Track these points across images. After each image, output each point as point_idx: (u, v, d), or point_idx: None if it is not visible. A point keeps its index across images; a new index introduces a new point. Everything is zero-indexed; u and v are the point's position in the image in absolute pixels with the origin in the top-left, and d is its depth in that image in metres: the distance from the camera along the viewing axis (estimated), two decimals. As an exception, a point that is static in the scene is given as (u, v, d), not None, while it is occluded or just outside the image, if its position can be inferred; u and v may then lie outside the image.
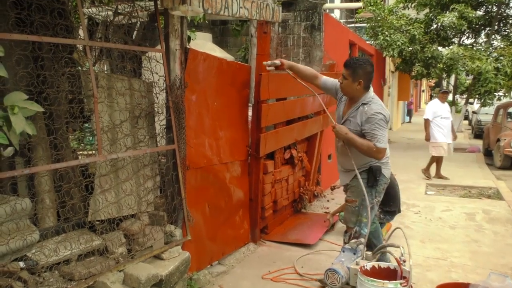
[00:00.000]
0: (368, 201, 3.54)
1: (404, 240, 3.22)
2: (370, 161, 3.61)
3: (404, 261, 3.12)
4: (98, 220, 3.04)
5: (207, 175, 4.11)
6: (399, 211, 5.35)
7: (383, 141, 3.44)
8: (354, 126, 3.55)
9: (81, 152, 3.77)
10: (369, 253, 3.45)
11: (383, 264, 3.25)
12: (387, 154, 3.65)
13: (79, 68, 3.22)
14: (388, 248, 3.35)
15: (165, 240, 3.46)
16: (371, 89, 3.59)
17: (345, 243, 3.76)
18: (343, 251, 3.54)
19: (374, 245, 3.71)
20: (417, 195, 7.60)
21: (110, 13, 3.44)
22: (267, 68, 3.97)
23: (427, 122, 8.77)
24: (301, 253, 4.72)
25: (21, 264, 2.50)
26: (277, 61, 3.92)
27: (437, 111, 8.70)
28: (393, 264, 3.22)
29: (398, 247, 3.24)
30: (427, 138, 8.78)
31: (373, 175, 3.60)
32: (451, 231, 5.61)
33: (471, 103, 20.13)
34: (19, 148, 2.44)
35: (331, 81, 3.90)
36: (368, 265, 3.22)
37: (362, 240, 3.53)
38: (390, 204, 5.15)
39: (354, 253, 3.49)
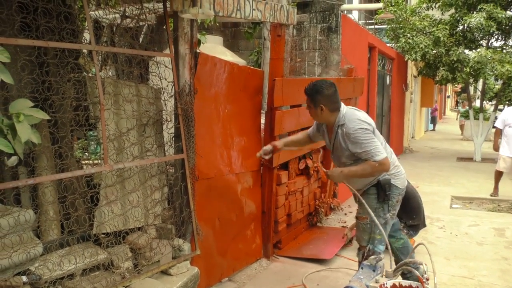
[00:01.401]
0: (381, 216, 3.56)
1: (428, 256, 3.21)
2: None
3: (428, 279, 3.11)
4: (104, 233, 3.10)
5: (217, 186, 4.15)
6: (423, 225, 5.29)
7: (379, 151, 3.38)
8: (344, 151, 3.53)
9: (85, 162, 3.83)
10: (390, 270, 3.44)
11: (404, 282, 3.24)
12: (394, 163, 3.62)
13: (85, 73, 3.29)
14: (410, 265, 3.34)
15: (173, 254, 3.49)
16: (342, 106, 3.54)
17: (359, 262, 3.76)
18: (362, 268, 3.54)
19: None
20: (441, 208, 7.55)
21: (117, 16, 3.51)
22: (258, 155, 4.03)
23: (496, 130, 8.45)
24: (317, 269, 4.72)
25: (24, 278, 2.54)
26: (268, 146, 3.98)
27: (507, 119, 8.20)
28: (415, 282, 3.21)
29: (421, 264, 3.24)
30: (494, 148, 8.43)
31: (382, 189, 3.59)
32: (479, 248, 5.57)
33: (501, 110, 19.90)
34: (23, 157, 2.51)
35: (312, 126, 4.00)
36: (389, 283, 3.21)
37: (382, 256, 3.52)
38: (413, 217, 5.10)
39: (374, 270, 3.48)
